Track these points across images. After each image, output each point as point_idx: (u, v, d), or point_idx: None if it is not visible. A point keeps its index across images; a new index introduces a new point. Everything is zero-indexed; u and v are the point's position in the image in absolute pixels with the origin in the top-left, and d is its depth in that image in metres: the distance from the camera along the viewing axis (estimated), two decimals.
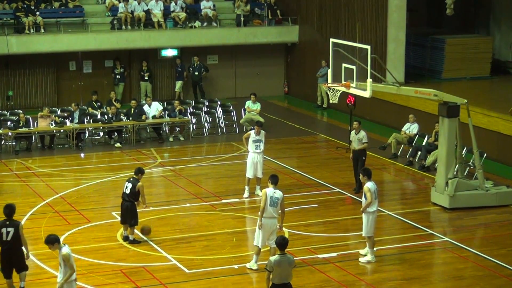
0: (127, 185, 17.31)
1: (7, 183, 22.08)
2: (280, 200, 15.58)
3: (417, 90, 20.30)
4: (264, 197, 15.57)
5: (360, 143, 20.72)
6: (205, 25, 32.71)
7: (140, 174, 17.49)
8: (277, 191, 15.65)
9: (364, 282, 15.67)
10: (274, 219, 15.62)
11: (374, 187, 16.33)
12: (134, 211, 17.35)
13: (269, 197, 15.53)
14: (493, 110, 24.57)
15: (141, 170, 17.62)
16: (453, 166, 20.12)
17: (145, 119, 26.59)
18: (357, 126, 20.89)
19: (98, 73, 32.16)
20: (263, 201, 15.58)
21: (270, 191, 15.62)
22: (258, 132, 20.41)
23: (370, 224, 16.34)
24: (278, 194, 15.60)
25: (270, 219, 15.58)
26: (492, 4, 32.80)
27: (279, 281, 12.73)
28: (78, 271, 15.80)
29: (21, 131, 25.31)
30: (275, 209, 15.56)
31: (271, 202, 15.52)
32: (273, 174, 16.30)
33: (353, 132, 21.09)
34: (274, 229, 15.63)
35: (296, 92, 34.19)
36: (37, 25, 30.40)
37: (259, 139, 20.38)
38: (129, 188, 17.24)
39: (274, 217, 15.59)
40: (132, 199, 17.28)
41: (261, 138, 20.42)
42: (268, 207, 15.50)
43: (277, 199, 15.54)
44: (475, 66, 30.42)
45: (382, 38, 28.92)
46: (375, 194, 16.31)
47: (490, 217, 19.44)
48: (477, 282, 15.68)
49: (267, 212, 15.54)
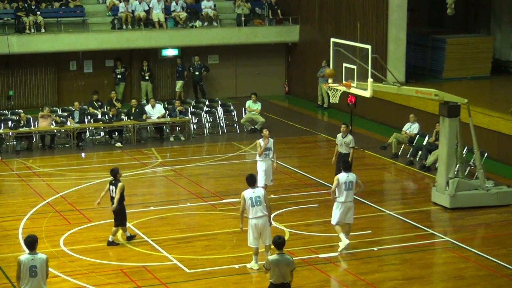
0: (111, 188, 17.23)
1: (8, 183, 22.08)
2: (263, 197, 15.55)
3: (418, 90, 20.30)
4: (242, 200, 15.62)
5: (347, 147, 20.40)
6: (205, 25, 32.71)
7: (118, 175, 17.38)
8: (256, 189, 15.66)
9: (364, 281, 15.66)
10: (262, 218, 15.56)
11: (344, 179, 16.67)
12: (121, 213, 17.29)
13: (248, 198, 15.51)
14: (494, 109, 24.57)
15: (115, 170, 17.39)
16: (454, 166, 20.12)
17: (145, 119, 26.59)
18: (344, 129, 20.46)
19: (98, 72, 32.16)
20: (241, 204, 15.63)
21: (247, 193, 15.59)
22: (267, 139, 19.59)
23: (333, 213, 16.89)
24: (258, 192, 15.59)
25: (258, 218, 15.53)
26: (492, 3, 32.78)
27: (277, 280, 12.71)
28: (79, 270, 15.91)
29: (22, 130, 25.31)
30: (260, 207, 15.50)
31: (253, 202, 15.47)
32: (250, 174, 16.29)
33: (339, 135, 20.58)
34: (264, 227, 15.57)
35: (297, 92, 34.18)
36: (37, 24, 30.41)
37: (267, 147, 19.59)
38: (114, 191, 17.20)
39: (262, 216, 15.55)
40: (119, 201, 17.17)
41: (270, 146, 19.63)
42: (250, 208, 15.49)
43: (259, 197, 15.50)
44: (475, 65, 30.42)
45: (382, 37, 28.92)
46: (345, 185, 16.64)
47: (490, 217, 19.44)
48: (478, 282, 15.68)
49: (253, 213, 15.51)
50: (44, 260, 12.52)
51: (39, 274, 12.43)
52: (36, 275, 12.41)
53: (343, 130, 20.48)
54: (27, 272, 12.40)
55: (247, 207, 15.58)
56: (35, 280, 12.42)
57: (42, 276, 12.50)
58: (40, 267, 12.44)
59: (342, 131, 20.49)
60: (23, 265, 12.39)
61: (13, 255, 16.61)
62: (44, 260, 12.52)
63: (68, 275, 15.62)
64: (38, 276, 12.43)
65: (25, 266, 12.38)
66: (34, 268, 12.41)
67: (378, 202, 20.27)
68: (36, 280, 12.43)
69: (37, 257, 12.46)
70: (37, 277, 12.42)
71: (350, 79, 20.12)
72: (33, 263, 12.41)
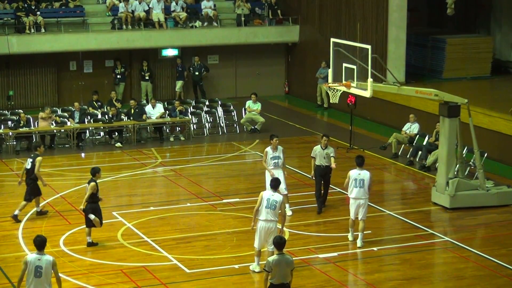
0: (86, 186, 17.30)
1: (8, 183, 22.08)
2: (279, 203, 15.32)
3: (418, 90, 20.31)
4: (259, 199, 15.43)
5: (328, 159, 19.06)
6: (205, 25, 32.71)
7: (97, 175, 17.33)
8: (276, 193, 15.47)
9: (364, 282, 15.67)
10: (272, 223, 15.34)
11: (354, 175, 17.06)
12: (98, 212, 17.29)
13: (266, 199, 15.32)
14: (494, 110, 24.58)
15: (95, 169, 17.34)
16: (454, 166, 20.12)
17: (145, 119, 26.59)
18: (325, 142, 19.09)
19: (98, 73, 32.16)
20: (258, 202, 15.44)
21: (267, 193, 15.46)
22: (275, 147, 18.74)
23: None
24: (276, 197, 15.37)
25: (267, 222, 15.34)
26: (492, 4, 32.80)
27: (278, 281, 12.70)
28: (79, 270, 15.91)
29: (22, 131, 25.31)
30: (272, 212, 15.28)
31: (268, 204, 15.27)
32: (275, 177, 16.21)
33: (318, 147, 19.18)
34: (271, 232, 15.33)
35: (297, 92, 34.19)
36: (37, 25, 30.41)
37: (276, 156, 18.74)
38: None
39: (272, 220, 15.33)
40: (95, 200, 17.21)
41: (279, 154, 18.72)
42: (264, 209, 15.31)
43: (275, 201, 15.28)
44: (475, 66, 30.42)
45: (382, 38, 28.92)
46: (355, 182, 16.99)
47: (490, 217, 19.44)
48: (478, 282, 15.68)
49: (264, 215, 15.32)
50: (50, 262, 12.57)
51: (43, 275, 12.47)
52: (40, 275, 12.46)
53: (323, 142, 19.13)
54: (32, 272, 12.46)
55: (261, 207, 15.37)
56: (39, 280, 12.46)
57: (47, 278, 12.53)
58: (45, 268, 12.48)
59: (323, 143, 19.13)
60: (29, 264, 12.46)
61: (13, 255, 16.66)
62: (50, 262, 12.57)
63: (68, 275, 15.62)
64: (42, 277, 12.47)
65: (31, 265, 12.45)
66: (40, 269, 12.45)
67: (378, 202, 20.27)
68: (40, 281, 12.47)
69: (44, 258, 12.53)
70: (41, 278, 12.47)
71: (350, 79, 20.13)
72: (39, 263, 12.46)
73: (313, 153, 19.28)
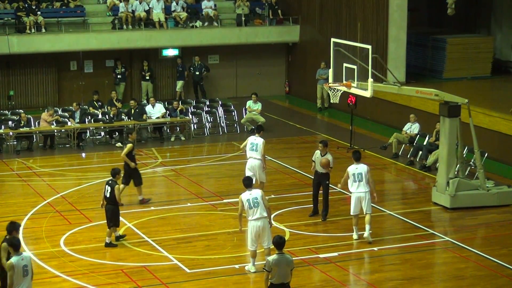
0: (107, 188, 17.25)
1: (8, 183, 22.09)
2: (260, 198, 15.52)
3: (418, 90, 20.31)
4: (240, 203, 15.63)
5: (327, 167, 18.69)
6: (206, 25, 32.71)
7: (117, 175, 17.45)
8: (253, 191, 15.64)
9: (365, 281, 15.68)
10: (261, 220, 15.51)
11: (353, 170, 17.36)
12: (116, 214, 17.30)
13: (246, 200, 15.51)
14: (494, 109, 24.58)
15: (116, 171, 17.49)
16: (454, 166, 20.13)
17: (145, 119, 26.60)
18: (322, 148, 18.72)
19: (99, 72, 32.16)
20: (240, 206, 15.64)
21: (245, 195, 15.60)
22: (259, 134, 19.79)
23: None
24: (255, 193, 15.58)
25: (257, 220, 15.51)
26: (493, 4, 32.79)
27: (278, 280, 12.71)
28: (79, 270, 15.91)
29: (22, 130, 25.32)
30: (258, 209, 15.47)
31: (251, 204, 15.46)
32: (246, 177, 16.41)
33: (318, 152, 18.83)
34: (263, 229, 15.51)
35: (297, 92, 34.19)
36: (38, 24, 30.42)
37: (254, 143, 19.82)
38: (109, 192, 17.18)
39: (260, 217, 15.50)
40: (113, 201, 17.19)
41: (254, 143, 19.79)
42: (249, 210, 15.48)
43: (256, 198, 15.48)
44: (476, 66, 30.42)
45: (383, 37, 28.92)
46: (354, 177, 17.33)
47: (491, 217, 19.44)
48: (478, 282, 15.68)
49: (252, 214, 15.49)
50: (30, 257, 12.81)
51: (29, 272, 12.61)
52: (28, 273, 12.59)
53: (320, 148, 18.78)
54: (21, 273, 12.51)
55: (246, 209, 15.57)
56: (27, 278, 12.57)
57: (32, 273, 12.71)
58: (29, 264, 12.64)
59: (320, 149, 18.80)
60: (16, 267, 12.47)
61: None
62: (30, 257, 12.81)
63: (68, 275, 15.64)
64: (29, 274, 12.60)
65: (18, 267, 12.49)
66: (26, 267, 12.57)
67: (379, 202, 20.20)
68: (28, 278, 12.60)
69: (25, 256, 12.67)
70: (28, 276, 12.60)
71: (350, 79, 20.14)
72: (24, 262, 12.57)
73: (314, 157, 19.17)
